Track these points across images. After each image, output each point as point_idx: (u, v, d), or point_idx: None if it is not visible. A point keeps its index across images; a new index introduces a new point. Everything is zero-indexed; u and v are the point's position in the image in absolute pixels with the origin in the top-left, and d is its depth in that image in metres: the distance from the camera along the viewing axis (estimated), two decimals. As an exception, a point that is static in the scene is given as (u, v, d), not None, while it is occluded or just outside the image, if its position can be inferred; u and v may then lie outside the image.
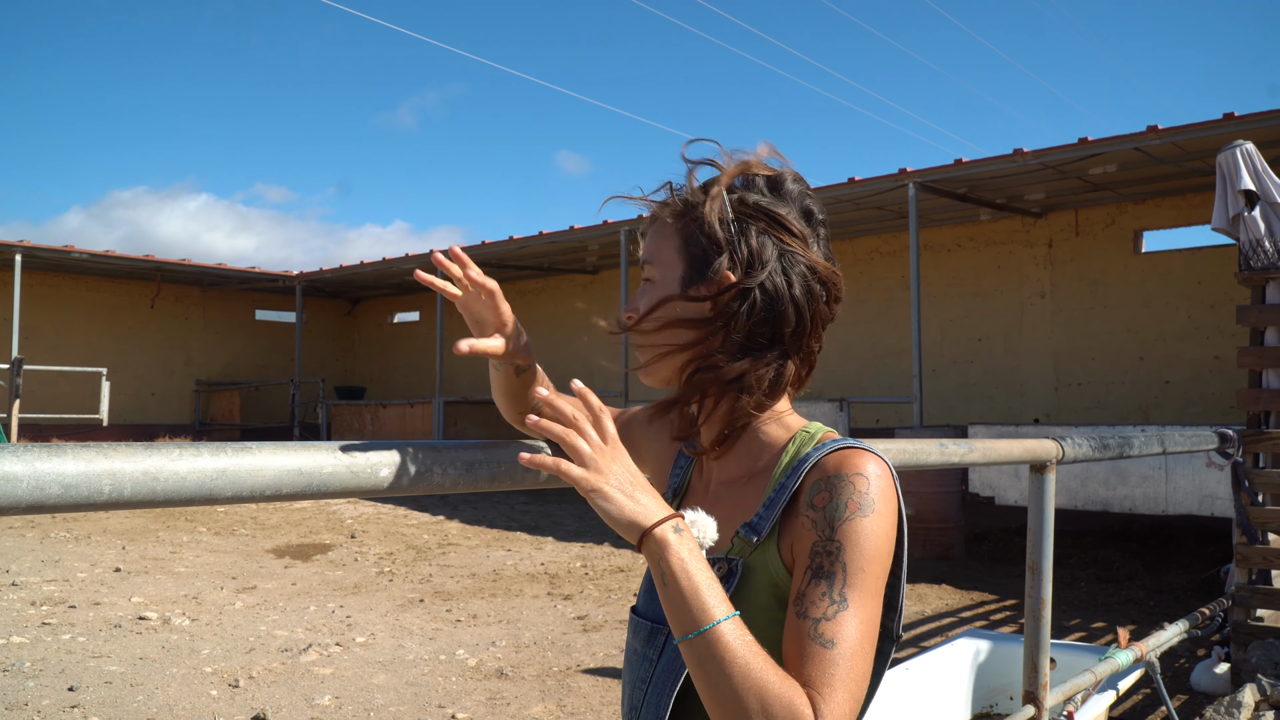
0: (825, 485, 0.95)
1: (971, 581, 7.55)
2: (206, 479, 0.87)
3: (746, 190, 1.06)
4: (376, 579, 7.37)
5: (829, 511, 0.93)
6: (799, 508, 0.96)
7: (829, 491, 0.94)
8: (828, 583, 0.90)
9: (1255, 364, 4.66)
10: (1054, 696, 2.55)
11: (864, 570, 0.91)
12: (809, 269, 1.04)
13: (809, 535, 0.94)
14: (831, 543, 0.92)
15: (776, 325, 1.03)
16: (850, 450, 0.98)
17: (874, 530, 0.92)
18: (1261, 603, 4.42)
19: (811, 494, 0.96)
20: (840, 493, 0.94)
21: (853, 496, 0.93)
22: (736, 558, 0.99)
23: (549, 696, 4.57)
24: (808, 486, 0.97)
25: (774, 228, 1.03)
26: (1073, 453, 2.47)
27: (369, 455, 1.00)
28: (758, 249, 1.02)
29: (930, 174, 9.84)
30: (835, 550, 0.91)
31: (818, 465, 0.97)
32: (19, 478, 0.76)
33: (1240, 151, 4.74)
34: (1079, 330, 11.59)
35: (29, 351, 15.23)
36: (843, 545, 0.91)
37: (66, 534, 9.03)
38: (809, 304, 1.04)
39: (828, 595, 0.90)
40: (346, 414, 16.68)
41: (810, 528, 0.94)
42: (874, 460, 0.97)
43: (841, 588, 0.90)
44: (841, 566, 0.91)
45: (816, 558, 0.92)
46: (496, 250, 14.47)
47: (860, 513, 0.92)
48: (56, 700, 4.35)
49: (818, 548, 0.93)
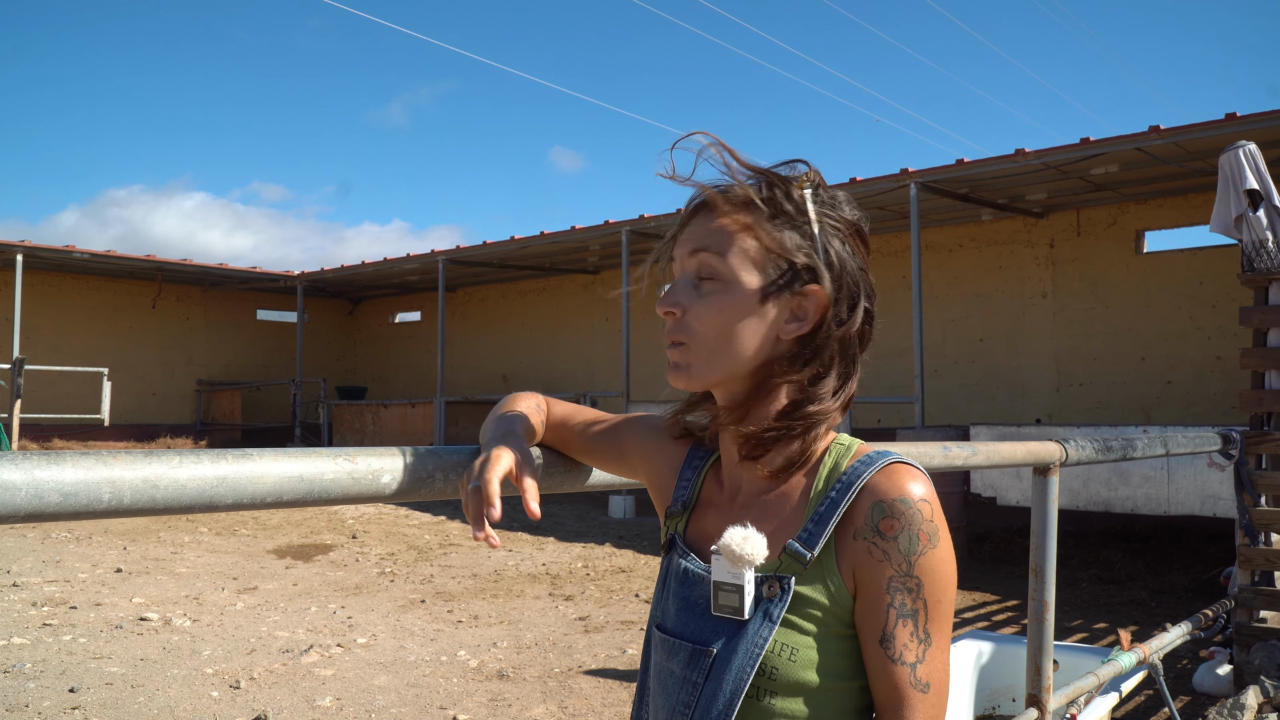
0: (889, 511, 0.94)
1: (973, 582, 7.54)
2: (207, 486, 0.87)
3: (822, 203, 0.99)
4: (378, 580, 7.37)
5: (902, 544, 0.93)
6: (856, 528, 0.95)
7: (895, 519, 0.93)
8: (914, 622, 0.93)
9: (1258, 365, 4.65)
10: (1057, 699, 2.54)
11: (941, 601, 0.94)
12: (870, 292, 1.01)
13: (882, 567, 0.93)
14: (910, 579, 0.93)
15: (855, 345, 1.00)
16: (899, 467, 0.96)
17: (944, 558, 0.94)
18: (1264, 604, 4.41)
19: (874, 519, 0.94)
20: (909, 522, 0.93)
21: (922, 527, 0.93)
22: (787, 575, 0.96)
23: (550, 698, 4.56)
24: (865, 508, 0.95)
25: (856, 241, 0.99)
26: (1076, 455, 2.46)
27: (370, 461, 1.00)
28: (840, 263, 0.97)
29: (932, 174, 9.83)
30: (915, 587, 0.93)
31: (870, 486, 0.95)
32: (17, 486, 0.76)
33: (1243, 152, 4.73)
34: (1081, 330, 11.58)
35: (30, 351, 15.23)
36: (922, 582, 0.93)
37: (67, 534, 9.03)
38: (868, 324, 1.01)
39: (915, 635, 0.92)
40: (348, 414, 16.67)
41: (882, 558, 0.93)
42: (922, 479, 0.97)
43: (925, 624, 0.93)
44: (923, 603, 0.93)
45: (898, 595, 0.92)
46: (498, 250, 14.47)
47: (931, 544, 0.93)
48: (57, 701, 4.34)
49: (896, 584, 0.93)
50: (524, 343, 17.51)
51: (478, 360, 18.41)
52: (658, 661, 1.04)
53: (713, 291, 0.98)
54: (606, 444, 1.20)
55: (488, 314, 18.48)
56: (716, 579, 0.97)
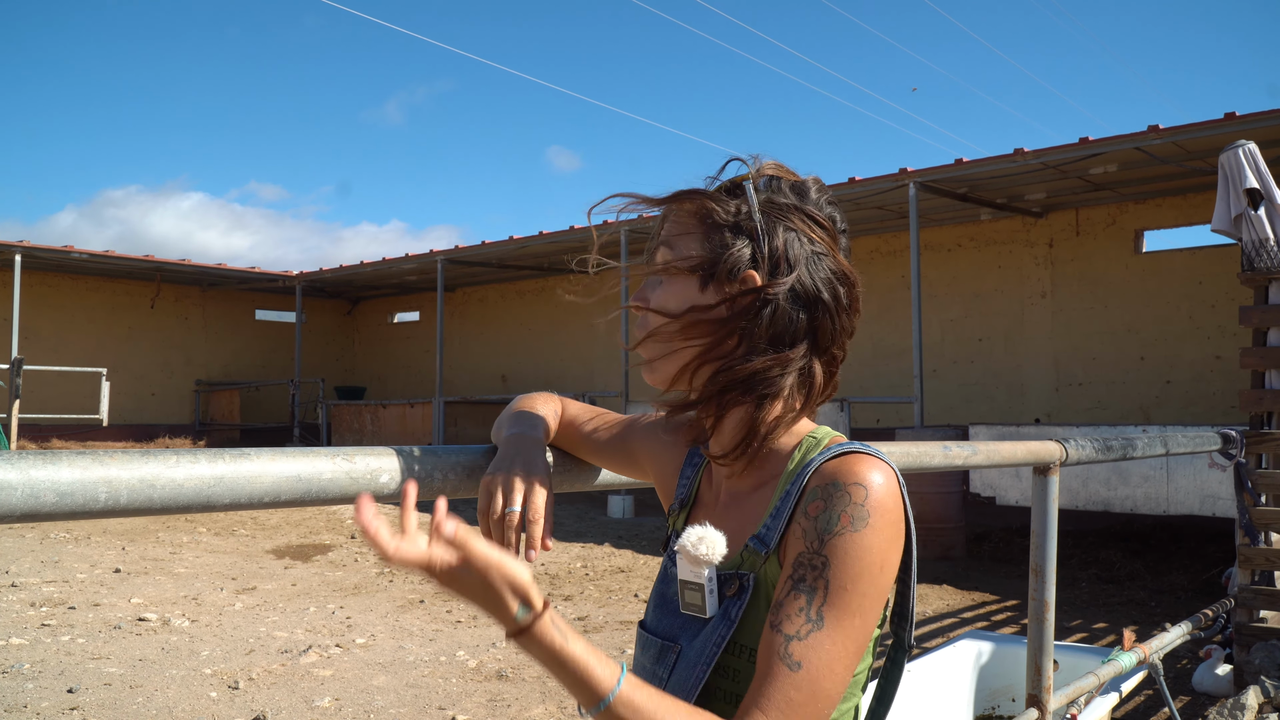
0: (821, 493, 0.91)
1: (973, 582, 7.54)
2: (204, 486, 0.86)
3: (772, 193, 1.01)
4: (377, 580, 7.36)
5: (820, 522, 0.89)
6: (795, 514, 0.93)
7: (824, 500, 0.90)
8: (807, 598, 0.87)
9: (1258, 365, 4.65)
10: (1057, 699, 2.54)
11: (847, 589, 0.87)
12: (835, 274, 1.00)
13: (797, 544, 0.90)
14: (818, 556, 0.88)
15: (803, 328, 0.98)
16: (852, 455, 0.94)
17: (866, 545, 0.88)
18: (1264, 604, 4.41)
19: (807, 501, 0.92)
20: (834, 503, 0.89)
21: (846, 508, 0.89)
22: (747, 572, 0.95)
23: (549, 698, 4.56)
24: (807, 493, 0.93)
25: (804, 224, 0.99)
26: (1076, 454, 2.46)
27: (368, 461, 0.99)
28: (784, 248, 0.97)
29: (931, 174, 9.83)
30: (820, 565, 0.88)
31: (818, 471, 0.93)
32: (13, 485, 0.75)
33: (1243, 151, 4.73)
34: (1080, 330, 11.58)
35: (29, 352, 15.22)
36: (828, 560, 0.87)
37: (66, 534, 9.02)
38: (836, 307, 0.99)
39: (804, 612, 0.87)
40: (346, 414, 16.67)
41: (800, 536, 0.90)
42: (876, 467, 0.92)
43: (820, 605, 0.87)
44: (824, 583, 0.87)
45: (800, 569, 0.88)
46: (496, 250, 14.46)
47: (851, 527, 0.88)
48: (56, 702, 4.33)
49: (803, 559, 0.89)
50: (523, 343, 17.50)
51: (476, 360, 18.41)
52: (636, 656, 1.07)
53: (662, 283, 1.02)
54: (615, 446, 1.21)
55: (486, 314, 18.48)
56: (681, 578, 0.99)
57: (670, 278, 1.01)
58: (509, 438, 1.09)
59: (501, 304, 18.18)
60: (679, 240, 1.02)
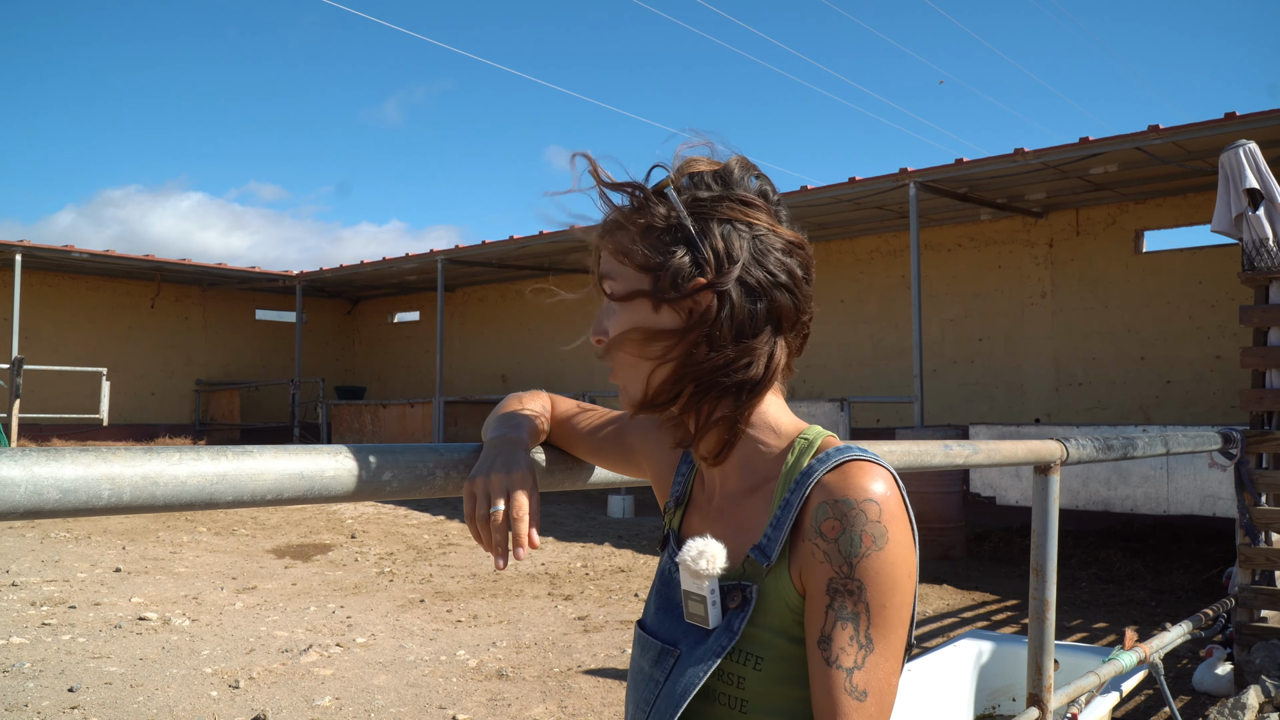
0: (833, 511, 0.90)
1: (973, 581, 7.54)
2: (207, 483, 0.86)
3: (696, 189, 0.98)
4: (377, 579, 7.36)
5: (843, 545, 0.89)
6: (805, 531, 0.92)
7: (839, 520, 0.90)
8: (854, 625, 0.88)
9: (1258, 364, 4.65)
10: (1058, 699, 2.54)
11: (886, 606, 0.88)
12: (783, 249, 0.98)
13: (823, 568, 0.90)
14: (851, 580, 0.88)
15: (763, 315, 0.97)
16: (853, 465, 0.93)
17: (892, 560, 0.89)
18: (1265, 604, 4.41)
19: (818, 519, 0.91)
20: (852, 523, 0.89)
21: (866, 528, 0.89)
22: (749, 583, 0.95)
23: (550, 697, 4.56)
24: (813, 508, 0.92)
25: (735, 210, 0.97)
26: (1077, 454, 2.46)
27: (371, 458, 0.99)
28: (723, 243, 0.95)
29: (931, 174, 9.83)
30: (856, 590, 0.88)
31: (821, 485, 0.92)
32: (16, 482, 0.75)
33: (1244, 151, 4.73)
34: (1080, 330, 11.58)
35: (29, 351, 15.22)
36: (863, 584, 0.88)
37: (67, 534, 9.02)
38: (793, 284, 0.98)
39: (855, 640, 0.88)
40: (346, 414, 16.67)
41: (824, 560, 0.90)
42: (879, 477, 0.92)
43: (867, 629, 0.88)
44: (864, 606, 0.88)
45: (837, 597, 0.89)
46: (496, 250, 14.46)
47: (875, 546, 0.89)
48: (56, 701, 4.34)
49: (836, 585, 0.89)
50: (523, 343, 17.50)
51: (477, 360, 18.41)
52: (634, 656, 1.07)
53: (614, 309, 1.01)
54: (611, 444, 1.20)
55: (486, 314, 18.48)
56: (685, 589, 0.99)
57: (621, 304, 1.00)
58: (490, 441, 1.09)
59: (501, 304, 18.18)
60: (620, 266, 1.00)
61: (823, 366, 13.49)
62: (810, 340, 1.04)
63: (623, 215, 1.00)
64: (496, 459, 1.03)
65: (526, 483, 1.01)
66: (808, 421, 1.04)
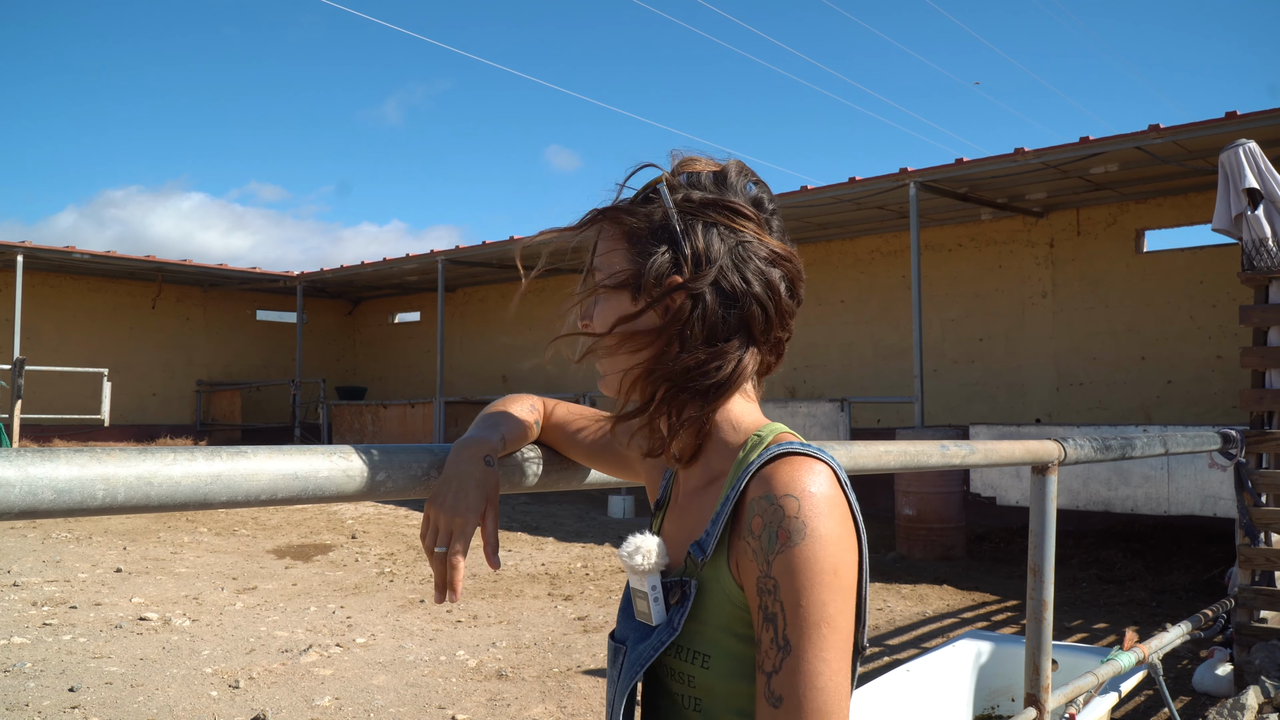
0: (757, 507, 0.89)
1: (973, 582, 7.54)
2: (201, 484, 0.86)
3: (691, 188, 1.00)
4: (377, 579, 7.36)
5: (763, 541, 0.88)
6: (740, 528, 0.92)
7: (761, 516, 0.89)
8: (773, 627, 0.86)
9: (1258, 364, 4.65)
10: (1056, 699, 2.54)
11: (800, 605, 0.85)
12: (766, 258, 0.98)
13: (753, 566, 0.89)
14: (768, 579, 0.87)
15: (738, 322, 0.97)
16: (783, 461, 0.91)
17: (807, 557, 0.86)
18: (1265, 604, 4.41)
19: (749, 516, 0.90)
20: (770, 519, 0.88)
21: (781, 524, 0.87)
22: (689, 579, 0.95)
23: (549, 697, 4.56)
24: (747, 502, 0.91)
25: (723, 215, 0.97)
26: (1075, 454, 2.46)
27: (366, 459, 1.00)
28: (704, 246, 0.96)
29: (931, 173, 9.83)
30: (772, 587, 0.86)
31: (755, 479, 0.92)
32: (11, 483, 0.75)
33: (1244, 150, 4.73)
34: (1080, 330, 11.58)
35: (30, 352, 15.24)
36: (778, 582, 0.86)
37: (68, 534, 9.03)
38: (769, 295, 0.98)
39: (775, 642, 0.86)
40: (347, 414, 16.68)
41: (752, 558, 0.89)
42: (810, 471, 0.90)
43: (784, 629, 0.85)
44: (780, 605, 0.86)
45: (762, 596, 0.88)
46: (497, 250, 14.47)
47: (789, 542, 0.86)
48: (57, 701, 4.34)
49: (761, 584, 0.88)
50: (523, 343, 17.51)
51: (477, 361, 18.42)
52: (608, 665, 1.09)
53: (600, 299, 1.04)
54: (605, 447, 1.21)
55: (487, 314, 18.49)
56: (633, 586, 1.00)
57: (606, 295, 1.03)
58: (456, 447, 1.07)
59: (502, 304, 18.19)
60: (607, 259, 1.03)
61: (823, 366, 13.49)
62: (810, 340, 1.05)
63: (612, 211, 1.03)
64: (452, 482, 1.02)
65: (471, 522, 1.00)
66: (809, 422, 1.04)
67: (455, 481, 1.02)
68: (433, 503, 1.02)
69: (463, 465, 1.04)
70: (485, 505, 1.02)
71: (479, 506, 1.01)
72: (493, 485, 1.03)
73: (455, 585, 0.99)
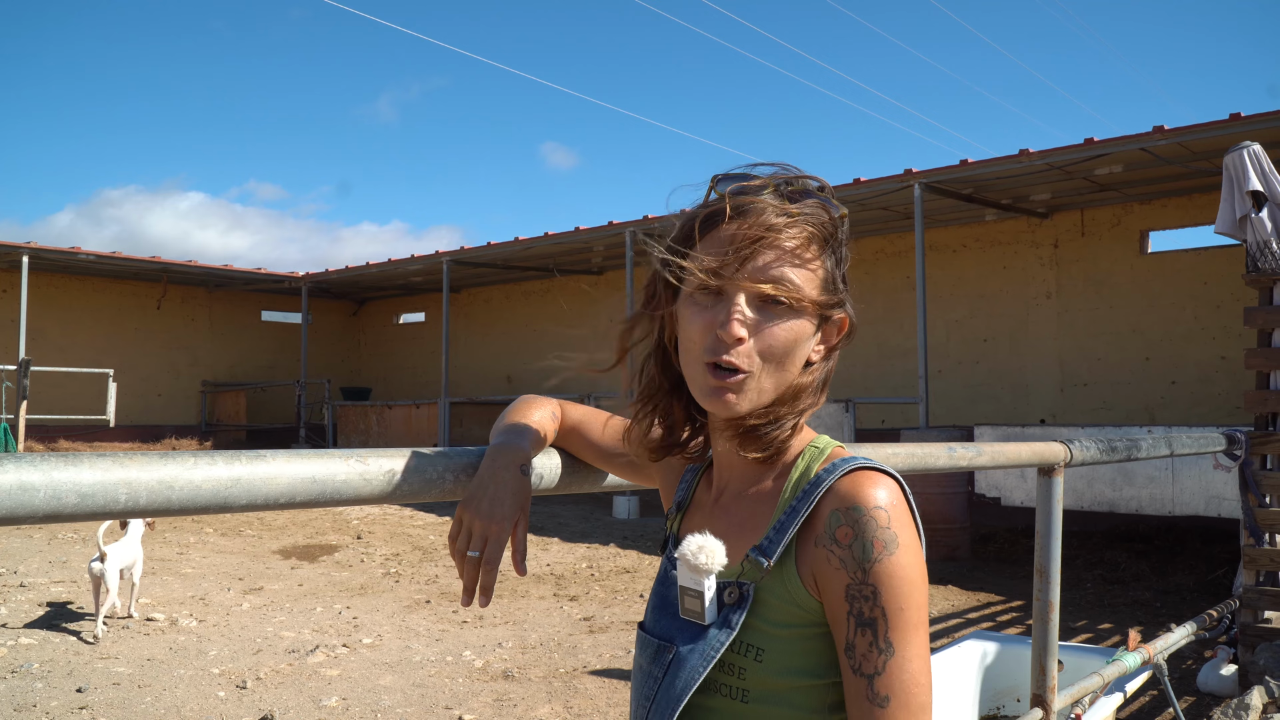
0: (845, 519, 0.93)
1: (978, 582, 7.54)
2: (221, 487, 0.87)
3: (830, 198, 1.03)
4: (383, 580, 7.38)
5: (856, 551, 0.92)
6: (817, 536, 0.95)
7: (851, 527, 0.93)
8: (872, 631, 0.91)
9: (1263, 365, 4.65)
10: (1062, 699, 2.55)
11: (903, 609, 0.91)
12: None
13: (839, 575, 0.93)
14: (865, 586, 0.91)
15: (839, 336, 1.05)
16: (862, 474, 0.95)
17: (904, 564, 0.92)
18: (1269, 605, 4.41)
19: (832, 526, 0.94)
20: (863, 530, 0.92)
21: (876, 534, 0.92)
22: (748, 582, 0.97)
23: (555, 698, 4.57)
24: (825, 515, 0.95)
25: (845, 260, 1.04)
26: (1081, 455, 2.46)
27: (382, 462, 1.01)
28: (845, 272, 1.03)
29: (936, 174, 9.83)
30: (871, 595, 0.91)
31: (832, 492, 0.95)
32: (36, 487, 0.77)
33: (1248, 153, 4.73)
34: (1085, 331, 11.57)
35: (36, 353, 15.27)
36: (877, 589, 0.91)
37: (74, 535, 9.06)
38: None
39: (875, 645, 0.91)
40: (352, 415, 16.70)
41: (839, 566, 0.93)
42: (885, 486, 0.95)
43: (886, 633, 0.90)
44: (881, 611, 0.91)
45: (855, 603, 0.92)
46: (502, 251, 14.49)
47: (887, 551, 0.91)
48: (65, 701, 4.36)
49: (853, 591, 0.92)
50: (528, 343, 17.53)
51: (482, 361, 18.44)
52: (635, 655, 1.09)
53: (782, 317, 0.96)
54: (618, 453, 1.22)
55: (492, 315, 18.51)
56: (681, 584, 1.01)
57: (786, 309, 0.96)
58: (490, 452, 1.08)
59: (506, 305, 18.21)
60: (800, 265, 0.97)
61: (827, 367, 13.47)
62: None
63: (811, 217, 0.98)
64: (485, 490, 1.03)
65: (504, 528, 1.02)
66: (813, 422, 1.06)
67: (491, 488, 1.04)
68: (467, 507, 1.03)
69: (499, 472, 1.05)
70: (519, 513, 1.04)
71: (513, 514, 1.03)
72: (526, 494, 1.06)
73: (488, 590, 1.01)
